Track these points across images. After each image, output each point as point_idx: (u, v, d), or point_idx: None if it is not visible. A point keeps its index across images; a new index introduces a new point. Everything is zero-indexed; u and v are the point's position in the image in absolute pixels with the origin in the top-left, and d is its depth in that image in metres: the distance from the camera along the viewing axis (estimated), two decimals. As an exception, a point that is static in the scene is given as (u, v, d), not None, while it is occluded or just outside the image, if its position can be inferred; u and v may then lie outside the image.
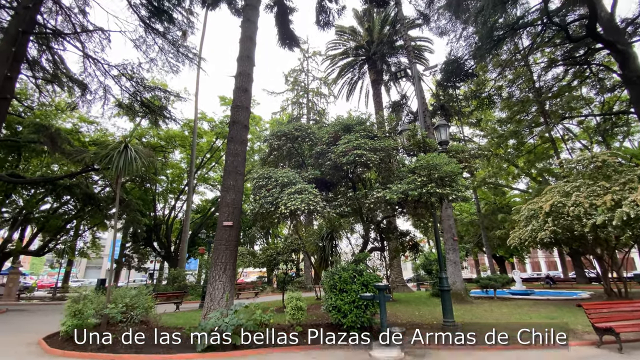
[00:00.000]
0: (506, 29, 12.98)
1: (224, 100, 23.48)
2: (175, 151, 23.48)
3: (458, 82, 15.56)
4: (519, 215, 11.13)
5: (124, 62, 12.64)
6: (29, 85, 15.52)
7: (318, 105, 27.61)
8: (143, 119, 16.96)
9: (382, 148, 6.83)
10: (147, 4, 11.68)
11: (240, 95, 9.08)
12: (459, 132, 22.07)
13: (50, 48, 12.56)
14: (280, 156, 9.28)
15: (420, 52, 20.35)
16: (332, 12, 13.43)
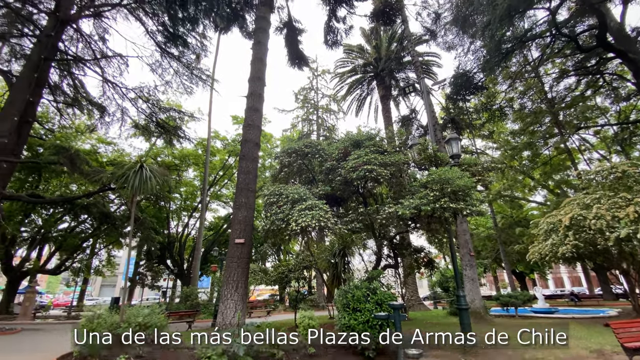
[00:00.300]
0: (514, 42, 12.99)
1: (236, 119, 24.03)
2: (189, 169, 23.97)
3: (468, 95, 15.54)
4: (537, 229, 10.75)
5: (141, 85, 13.16)
6: (50, 108, 16.28)
7: (328, 122, 27.94)
8: (158, 138, 17.47)
9: (393, 163, 6.80)
10: (163, 30, 12.25)
11: (251, 115, 9.29)
12: (471, 145, 21.82)
13: (71, 73, 13.21)
14: (291, 172, 9.35)
15: (428, 66, 20.51)
16: (340, 32, 13.79)
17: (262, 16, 9.93)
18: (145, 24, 12.17)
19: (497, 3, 10.76)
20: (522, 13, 12.74)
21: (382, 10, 14.06)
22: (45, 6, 11.67)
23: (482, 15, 13.01)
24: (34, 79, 10.17)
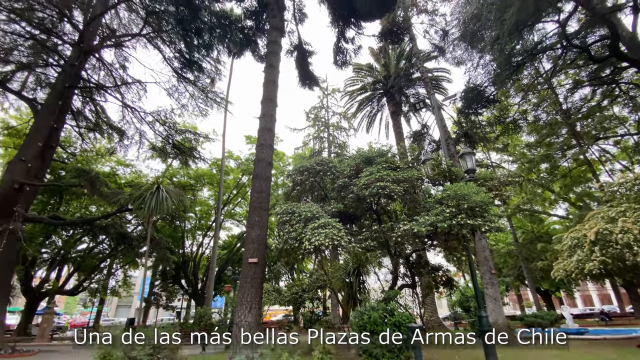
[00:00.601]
0: (525, 55, 12.93)
1: (249, 139, 24.52)
2: (204, 189, 24.38)
3: (480, 108, 15.41)
4: (561, 245, 10.29)
5: (158, 109, 13.69)
6: (73, 133, 17.03)
7: (339, 139, 28.11)
8: (174, 159, 17.95)
9: (406, 179, 6.72)
10: (180, 57, 12.84)
11: (264, 135, 9.45)
12: (486, 159, 21.45)
13: (93, 100, 13.88)
14: (303, 190, 9.36)
15: (438, 82, 20.59)
16: (349, 52, 14.09)
17: (274, 40, 10.29)
18: (163, 52, 12.80)
19: (505, 18, 10.81)
20: (530, 27, 12.74)
21: (389, 29, 14.35)
22: (69, 38, 12.45)
23: (490, 30, 13.07)
24: (58, 106, 10.73)
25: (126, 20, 13.62)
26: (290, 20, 12.99)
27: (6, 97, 13.01)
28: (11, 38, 11.19)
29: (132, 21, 13.72)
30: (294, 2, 12.69)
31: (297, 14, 13.01)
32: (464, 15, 13.78)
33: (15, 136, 16.40)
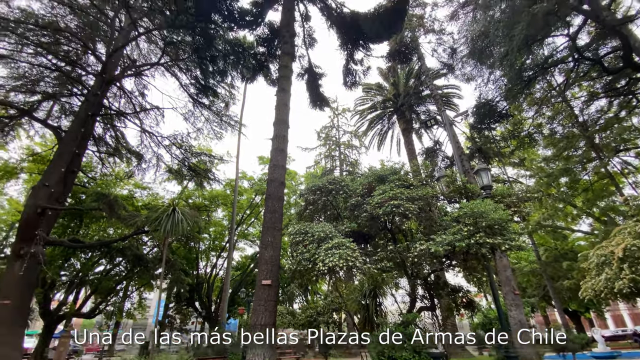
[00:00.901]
0: (536, 69, 12.87)
1: (262, 159, 24.90)
2: (218, 209, 24.65)
3: (492, 123, 15.26)
4: (587, 263, 9.80)
5: (175, 133, 14.13)
6: (94, 158, 17.67)
7: (350, 157, 28.23)
8: (190, 181, 18.32)
9: (420, 197, 6.61)
10: (196, 83, 13.36)
11: (276, 155, 9.59)
12: (502, 174, 20.99)
13: (114, 126, 14.47)
14: (315, 210, 9.32)
15: (449, 98, 20.62)
16: (358, 73, 14.37)
17: (285, 65, 10.62)
18: (180, 79, 13.36)
19: (513, 34, 10.87)
20: (540, 41, 12.74)
21: (398, 50, 14.63)
22: (92, 69, 13.18)
23: (498, 46, 13.14)
24: (80, 133, 11.21)
25: (146, 50, 14.38)
26: (301, 45, 13.45)
27: (32, 125, 13.71)
28: (38, 70, 11.91)
29: (151, 51, 14.48)
30: (304, 28, 13.17)
31: (307, 39, 13.47)
32: (472, 33, 13.95)
33: (39, 162, 17.16)
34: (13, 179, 19.13)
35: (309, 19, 13.09)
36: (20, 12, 10.73)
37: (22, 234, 9.26)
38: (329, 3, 12.35)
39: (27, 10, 10.81)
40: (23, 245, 9.09)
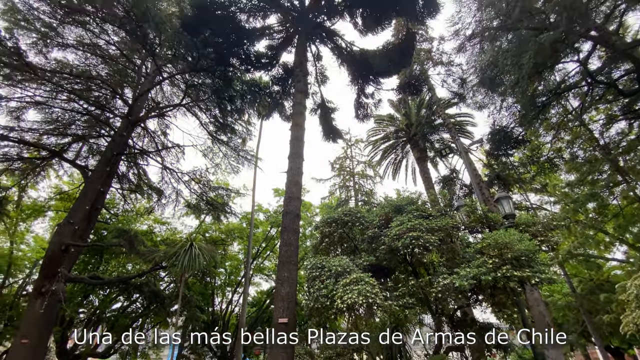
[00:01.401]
0: (549, 95, 12.82)
1: (277, 191, 25.14)
2: (234, 243, 24.62)
3: (509, 149, 15.01)
4: (626, 295, 9.04)
5: (194, 169, 14.62)
6: (117, 195, 18.31)
7: (365, 187, 28.10)
8: (207, 215, 18.58)
9: (440, 227, 6.41)
10: (215, 121, 14.01)
11: (291, 188, 9.68)
12: (524, 200, 20.25)
13: (137, 164, 15.12)
14: (331, 242, 9.15)
15: (462, 126, 20.63)
16: (370, 106, 14.72)
17: (299, 102, 11.05)
18: (200, 118, 14.06)
19: (522, 63, 11.00)
20: (550, 67, 12.82)
21: (407, 82, 15.02)
22: (120, 111, 14.07)
23: (508, 74, 13.27)
24: (106, 172, 11.76)
25: (169, 93, 15.37)
26: (313, 82, 14.05)
27: (62, 165, 14.52)
28: (70, 114, 12.83)
29: (173, 93, 15.45)
30: (316, 67, 13.83)
31: (319, 77, 14.08)
32: (480, 63, 14.21)
33: (66, 200, 17.92)
34: (40, 217, 19.96)
35: (321, 58, 13.79)
36: (57, 63, 11.82)
37: (45, 271, 9.46)
38: (339, 43, 13.01)
39: (62, 61, 11.90)
40: (45, 283, 9.25)
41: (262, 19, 12.46)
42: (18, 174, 12.93)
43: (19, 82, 10.68)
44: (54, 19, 10.33)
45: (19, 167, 12.52)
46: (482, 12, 13.73)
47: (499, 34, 13.21)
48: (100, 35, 11.35)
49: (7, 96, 10.88)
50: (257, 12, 12.09)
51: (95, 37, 11.49)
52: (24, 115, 11.80)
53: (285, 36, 13.09)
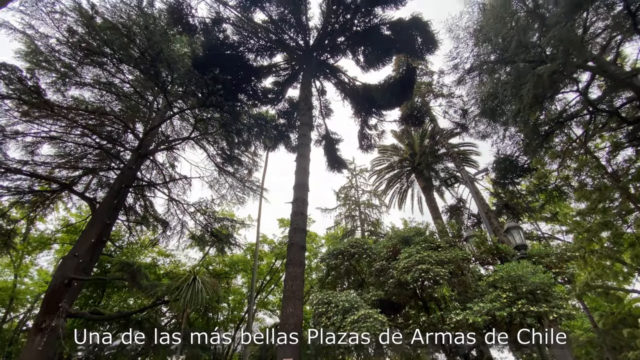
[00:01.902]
0: (551, 124, 12.92)
1: (282, 222, 24.97)
2: (238, 276, 24.09)
3: (515, 178, 14.91)
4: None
5: (200, 200, 14.69)
6: (122, 227, 18.29)
7: (371, 217, 27.82)
8: (211, 247, 18.39)
9: (450, 260, 6.23)
10: (222, 153, 14.29)
11: (297, 219, 9.60)
12: (535, 230, 19.76)
13: (144, 196, 15.25)
14: (338, 276, 8.92)
15: (466, 155, 20.71)
16: (373, 137, 14.98)
17: (304, 134, 11.31)
18: (208, 150, 14.37)
19: (522, 94, 11.23)
20: (550, 97, 13.04)
21: (410, 114, 15.36)
22: (130, 145, 14.47)
23: (509, 104, 13.51)
24: (113, 204, 11.86)
25: (178, 127, 15.85)
26: (318, 115, 14.46)
27: (71, 198, 14.72)
28: (83, 148, 13.21)
29: (183, 127, 15.94)
30: (320, 101, 14.30)
31: (323, 110, 14.51)
32: (480, 94, 14.54)
33: (72, 233, 17.96)
34: (46, 249, 19.93)
35: (325, 93, 14.30)
36: (73, 100, 12.40)
37: (46, 305, 9.28)
38: (342, 79, 13.54)
39: (79, 98, 12.48)
40: (45, 318, 9.02)
41: (269, 58, 13.13)
42: (27, 207, 13.10)
43: (36, 118, 11.15)
44: (74, 60, 10.99)
45: (29, 199, 12.72)
46: (479, 47, 14.30)
47: (497, 67, 13.64)
48: (116, 75, 11.97)
49: (24, 132, 11.29)
50: (264, 52, 12.77)
51: (111, 76, 12.12)
52: (38, 150, 12.18)
53: (290, 73, 13.69)
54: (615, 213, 15.94)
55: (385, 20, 11.67)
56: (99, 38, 10.17)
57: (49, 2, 9.64)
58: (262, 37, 12.41)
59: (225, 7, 11.36)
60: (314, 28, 12.10)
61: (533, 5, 11.97)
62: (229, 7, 11.36)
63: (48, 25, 9.93)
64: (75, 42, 10.35)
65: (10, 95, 9.81)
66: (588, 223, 16.81)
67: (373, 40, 12.18)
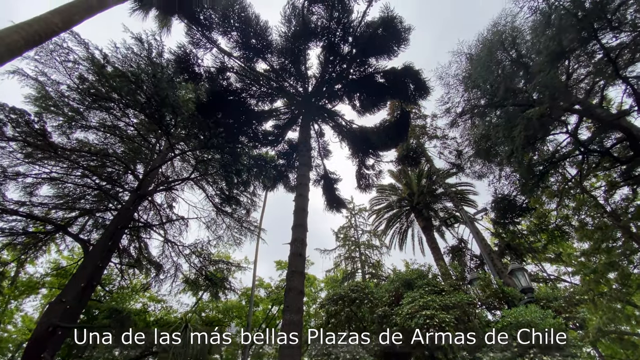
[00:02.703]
0: (545, 164, 13.19)
1: (280, 264, 24.27)
2: (232, 323, 22.78)
3: (515, 218, 14.85)
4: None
5: (196, 242, 14.37)
6: (114, 270, 17.63)
7: (372, 258, 27.13)
8: (205, 292, 17.63)
9: (455, 304, 5.97)
10: (221, 194, 14.31)
11: (295, 261, 9.33)
12: (540, 271, 19.21)
13: (139, 237, 14.93)
14: (338, 323, 8.46)
15: (464, 195, 20.81)
16: (371, 177, 15.16)
17: (303, 174, 11.45)
18: (207, 190, 14.39)
19: (513, 136, 11.62)
20: (541, 139, 13.46)
21: (406, 155, 15.72)
22: (129, 186, 14.51)
23: (503, 145, 13.91)
24: (107, 246, 11.55)
25: (179, 168, 16.04)
26: (316, 156, 14.78)
27: (64, 239, 14.38)
28: (82, 189, 13.19)
29: (183, 168, 16.12)
30: (319, 142, 14.71)
31: (322, 151, 14.87)
32: (474, 136, 15.05)
33: (62, 276, 17.27)
34: (33, 294, 19.03)
35: (323, 135, 14.77)
36: (77, 142, 12.66)
37: (27, 355, 8.63)
38: (339, 122, 14.07)
39: (83, 141, 12.76)
40: (23, 373, 8.34)
41: (270, 103, 13.75)
42: (19, 249, 12.75)
43: (38, 159, 11.30)
44: (82, 104, 11.43)
45: (21, 241, 12.42)
46: (469, 92, 15.11)
47: (487, 111, 14.27)
48: (122, 118, 12.39)
49: (25, 172, 11.37)
50: (265, 98, 13.41)
51: (117, 120, 12.52)
52: (37, 190, 12.17)
53: (290, 117, 14.25)
54: (619, 253, 15.62)
55: (379, 69, 12.44)
56: (108, 85, 10.69)
57: (63, 52, 10.26)
58: (264, 84, 13.10)
59: (230, 58, 12.13)
60: (312, 76, 12.84)
61: (516, 55, 12.87)
62: (233, 58, 12.13)
63: (60, 72, 10.47)
64: (85, 88, 10.86)
65: (16, 138, 10.03)
66: (593, 264, 16.40)
67: (368, 87, 12.87)
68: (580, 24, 9.72)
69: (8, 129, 9.75)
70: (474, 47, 14.41)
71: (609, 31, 10.14)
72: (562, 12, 10.14)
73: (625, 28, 9.99)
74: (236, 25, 10.98)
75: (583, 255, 17.54)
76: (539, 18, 11.20)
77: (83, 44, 10.17)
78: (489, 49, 12.77)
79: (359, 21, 11.13)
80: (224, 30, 11.24)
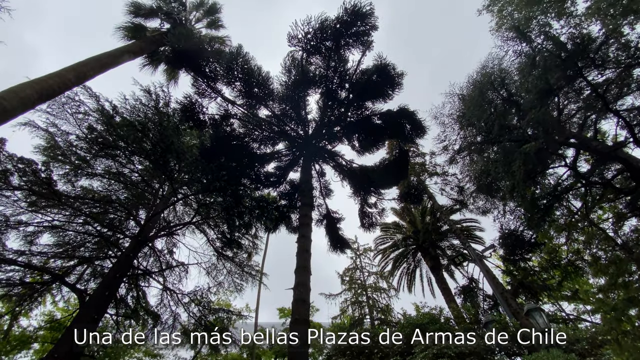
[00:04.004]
0: (548, 197, 13.10)
1: (282, 311, 23.17)
2: (231, 379, 21.11)
3: (525, 253, 14.40)
4: None
5: (195, 289, 13.86)
6: (110, 322, 16.75)
7: (380, 302, 25.82)
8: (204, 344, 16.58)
9: (472, 351, 5.56)
10: (222, 237, 14.10)
11: (298, 307, 8.91)
12: (558, 310, 18.14)
13: (138, 286, 14.42)
14: (348, 375, 7.81)
15: (470, 232, 20.43)
16: (374, 215, 15.04)
17: (305, 214, 11.39)
18: (208, 235, 14.20)
19: (513, 170, 11.71)
20: (541, 173, 13.53)
21: (407, 192, 15.74)
22: (130, 232, 14.36)
23: (504, 180, 13.94)
24: (104, 296, 11.12)
25: (180, 212, 16.00)
26: (318, 196, 14.80)
27: (61, 290, 13.89)
28: (82, 237, 13.04)
29: (185, 212, 16.07)
30: (320, 182, 14.84)
31: (323, 190, 14.94)
32: (474, 172, 15.17)
33: (55, 330, 16.42)
34: (25, 349, 17.92)
35: (324, 175, 14.94)
36: (82, 189, 12.79)
37: None
38: (340, 162, 14.34)
39: (87, 188, 12.89)
40: None
41: (272, 146, 14.14)
42: (14, 300, 12.29)
43: (41, 208, 11.34)
44: (89, 153, 11.75)
45: (17, 292, 12.01)
46: (465, 130, 15.55)
47: (484, 147, 14.55)
48: (127, 165, 12.65)
49: (27, 221, 11.34)
50: (267, 141, 13.83)
51: (122, 167, 12.78)
52: (38, 239, 12.04)
53: (291, 158, 14.55)
54: (637, 287, 14.87)
55: (375, 112, 12.97)
56: (116, 133, 11.09)
57: (75, 104, 10.80)
58: (266, 129, 13.59)
59: (234, 106, 12.73)
60: (312, 120, 13.36)
61: (507, 94, 13.44)
62: (236, 106, 12.74)
63: (70, 123, 10.92)
64: (93, 137, 11.25)
65: (22, 187, 10.17)
66: (612, 300, 15.53)
67: (366, 129, 13.31)
68: (565, 64, 10.28)
69: (14, 178, 9.94)
70: (465, 88, 15.12)
71: (594, 69, 10.69)
72: (545, 54, 10.78)
73: (609, 65, 10.53)
74: (239, 76, 11.68)
75: (600, 292, 16.67)
76: (524, 60, 11.89)
77: (94, 97, 10.75)
78: (480, 89, 13.38)
79: (354, 69, 11.85)
80: (228, 80, 11.94)
